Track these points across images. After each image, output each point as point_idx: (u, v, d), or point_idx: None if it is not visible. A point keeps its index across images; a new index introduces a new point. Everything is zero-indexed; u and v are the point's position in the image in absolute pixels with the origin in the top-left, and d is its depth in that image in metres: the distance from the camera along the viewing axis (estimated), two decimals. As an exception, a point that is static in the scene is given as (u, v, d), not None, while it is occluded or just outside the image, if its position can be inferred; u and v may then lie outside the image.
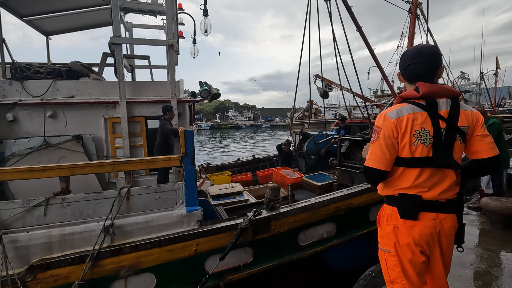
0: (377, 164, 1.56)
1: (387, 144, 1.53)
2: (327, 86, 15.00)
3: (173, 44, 3.84)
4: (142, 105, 3.95)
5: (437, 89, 1.50)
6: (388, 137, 1.52)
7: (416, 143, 1.48)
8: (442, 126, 1.47)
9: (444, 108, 1.50)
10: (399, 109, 1.53)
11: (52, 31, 5.36)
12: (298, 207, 3.47)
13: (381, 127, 1.56)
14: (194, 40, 6.30)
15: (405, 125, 1.48)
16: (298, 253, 3.51)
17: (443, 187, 1.51)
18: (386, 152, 1.53)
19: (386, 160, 1.54)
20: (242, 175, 8.01)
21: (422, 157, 1.50)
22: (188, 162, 3.05)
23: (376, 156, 1.57)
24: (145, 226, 2.94)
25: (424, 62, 1.52)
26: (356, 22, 5.56)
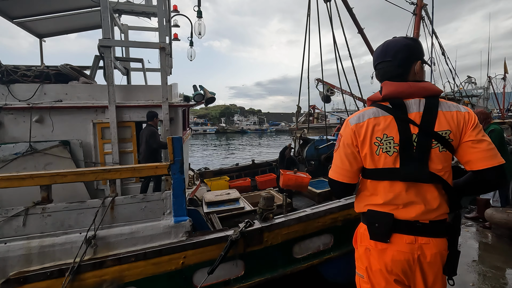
0: (338, 176, 1.45)
1: (346, 153, 1.40)
2: (329, 90, 14.89)
3: (165, 46, 3.76)
4: (133, 109, 3.86)
5: (405, 88, 1.30)
6: (347, 146, 1.39)
7: (378, 152, 1.31)
8: (414, 131, 1.27)
9: (415, 110, 1.29)
10: (362, 114, 1.37)
11: (46, 33, 5.33)
12: (293, 218, 3.35)
13: (342, 135, 1.43)
14: (191, 42, 6.24)
15: (364, 131, 1.32)
16: (293, 266, 3.38)
17: (422, 205, 1.29)
18: (346, 162, 1.40)
19: (346, 172, 1.41)
20: (241, 180, 7.90)
21: (386, 168, 1.31)
22: (177, 170, 2.95)
23: (336, 167, 1.46)
24: (130, 237, 2.84)
25: (392, 60, 1.35)
26: (357, 23, 5.46)
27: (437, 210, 1.30)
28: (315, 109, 22.87)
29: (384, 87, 1.35)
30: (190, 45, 6.31)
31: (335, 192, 1.55)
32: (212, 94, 4.89)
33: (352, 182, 1.43)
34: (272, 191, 6.58)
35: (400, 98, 1.31)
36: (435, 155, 1.26)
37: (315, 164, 7.75)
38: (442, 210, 1.31)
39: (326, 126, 8.45)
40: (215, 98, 4.76)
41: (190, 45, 6.31)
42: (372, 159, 1.33)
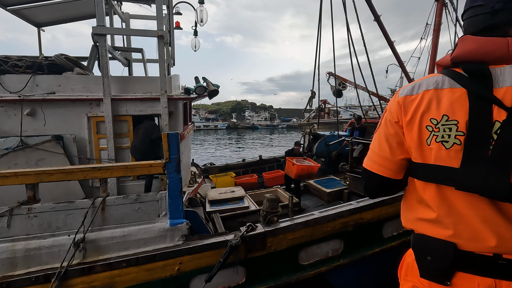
0: (373, 165, 1.05)
1: (388, 134, 1.00)
2: (341, 84, 14.47)
3: (163, 34, 3.55)
4: (129, 102, 3.69)
5: (496, 46, 0.83)
6: (390, 124, 1.00)
7: (430, 140, 0.89)
8: (498, 117, 0.80)
9: (509, 84, 0.81)
10: (419, 82, 0.97)
11: (43, 22, 5.19)
12: (299, 222, 3.14)
13: (387, 109, 1.06)
14: (195, 32, 6.02)
15: (415, 108, 0.92)
16: (299, 273, 3.18)
17: (506, 229, 0.82)
18: (385, 148, 1.01)
19: (385, 161, 1.01)
20: (247, 176, 7.74)
21: (438, 166, 0.88)
22: (173, 169, 2.77)
23: (372, 153, 1.07)
24: (122, 240, 2.68)
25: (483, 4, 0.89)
26: (374, 10, 5.11)
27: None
28: (326, 104, 22.44)
29: (460, 44, 0.91)
30: (194, 34, 6.10)
31: (368, 188, 1.13)
32: (216, 87, 4.67)
33: (393, 176, 1.02)
34: (279, 190, 6.37)
35: (484, 62, 0.86)
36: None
37: (326, 161, 7.50)
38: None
39: (338, 122, 8.14)
40: (218, 91, 4.54)
41: (194, 34, 6.10)
42: (420, 149, 0.92)
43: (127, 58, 5.47)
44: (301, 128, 17.17)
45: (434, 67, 6.54)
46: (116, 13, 5.00)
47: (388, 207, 3.60)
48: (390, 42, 5.77)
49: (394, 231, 3.76)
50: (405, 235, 3.84)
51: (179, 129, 3.97)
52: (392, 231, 3.74)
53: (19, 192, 2.63)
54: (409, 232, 2.00)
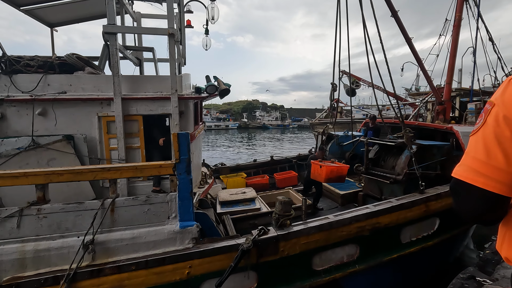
0: (477, 178, 0.78)
1: (501, 135, 0.75)
2: (354, 83, 14.20)
3: (174, 32, 3.50)
4: (140, 102, 3.66)
5: None
6: (505, 121, 0.75)
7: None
8: None
9: None
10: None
11: (57, 23, 5.24)
12: (313, 226, 3.04)
13: (495, 102, 0.79)
14: (207, 30, 5.97)
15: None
16: (312, 279, 3.08)
17: None
18: (497, 153, 0.75)
19: (496, 171, 0.76)
20: (259, 177, 7.66)
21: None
22: (183, 170, 2.71)
23: (473, 160, 0.80)
24: (131, 243, 2.65)
25: None
26: (391, 6, 4.93)
27: None
28: (339, 103, 22.12)
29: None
30: (205, 33, 6.05)
31: (466, 208, 0.85)
32: (227, 86, 4.61)
33: (507, 194, 0.77)
34: (291, 191, 6.26)
35: None
36: None
37: (339, 162, 7.33)
38: None
39: (352, 121, 7.95)
40: (229, 90, 4.48)
41: (205, 33, 6.05)
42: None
43: (139, 58, 5.47)
44: (313, 128, 16.97)
45: (454, 64, 6.28)
46: (128, 12, 5.01)
47: (406, 211, 3.46)
48: (408, 38, 5.57)
49: (413, 236, 3.60)
50: (425, 241, 3.67)
51: (189, 129, 3.92)
52: (410, 236, 3.58)
53: (30, 193, 2.63)
54: (431, 236, 1.67)
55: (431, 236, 3.72)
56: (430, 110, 8.37)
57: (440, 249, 4.00)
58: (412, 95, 11.54)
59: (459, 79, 16.32)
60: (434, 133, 5.69)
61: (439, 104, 5.83)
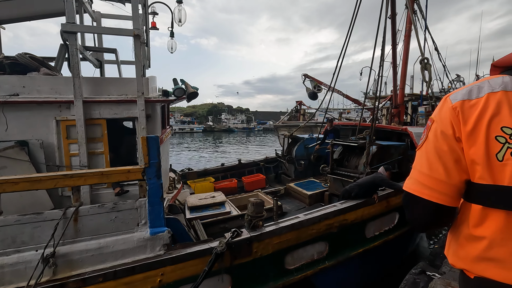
0: (422, 190, 0.85)
1: (440, 150, 0.82)
2: (316, 87, 14.78)
3: (140, 34, 3.38)
4: (103, 105, 3.46)
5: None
6: (443, 137, 0.81)
7: (502, 154, 0.73)
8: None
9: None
10: (477, 85, 0.82)
11: (4, 19, 4.79)
12: (285, 225, 3.09)
13: (434, 119, 0.87)
14: (172, 33, 5.85)
15: (478, 115, 0.76)
16: (285, 278, 3.13)
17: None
18: (439, 167, 0.81)
19: (438, 183, 0.82)
20: (227, 181, 7.62)
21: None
22: (153, 175, 2.62)
23: (419, 174, 0.87)
24: (97, 253, 2.49)
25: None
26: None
27: None
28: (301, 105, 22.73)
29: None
30: (170, 36, 5.91)
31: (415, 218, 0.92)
32: (195, 89, 4.54)
33: (450, 204, 0.83)
34: (260, 194, 6.32)
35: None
36: None
37: (305, 163, 7.56)
38: None
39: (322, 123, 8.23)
40: (197, 93, 4.42)
41: (170, 36, 5.91)
42: (489, 167, 0.74)
43: (99, 59, 5.18)
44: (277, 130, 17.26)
45: (406, 71, 6.81)
46: (87, 12, 4.74)
47: (370, 207, 3.66)
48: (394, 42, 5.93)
49: (376, 231, 3.82)
50: (387, 234, 3.91)
51: (157, 133, 3.79)
52: (374, 231, 3.80)
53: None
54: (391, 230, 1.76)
55: (392, 230, 3.98)
56: (385, 115, 8.98)
57: (400, 242, 4.28)
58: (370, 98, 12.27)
59: (411, 85, 17.68)
60: (390, 134, 6.12)
61: (394, 107, 6.28)
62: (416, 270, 3.09)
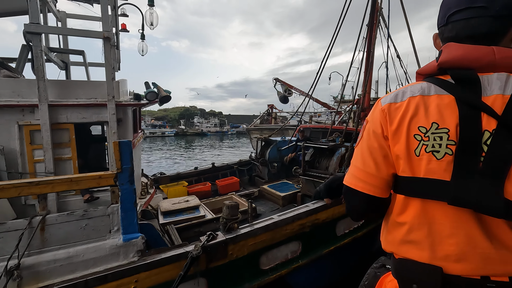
0: (357, 183, 0.95)
1: (371, 147, 0.92)
2: (287, 91, 15.12)
3: (110, 36, 3.30)
4: (71, 109, 3.33)
5: (483, 54, 0.80)
6: (374, 136, 0.92)
7: (419, 150, 0.82)
8: (488, 126, 0.76)
9: (496, 92, 0.77)
10: (403, 90, 0.91)
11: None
12: (260, 226, 3.15)
13: (368, 119, 0.98)
14: (142, 35, 5.74)
15: (401, 116, 0.85)
16: (260, 278, 3.18)
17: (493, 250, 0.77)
18: (370, 163, 0.92)
19: (370, 177, 0.92)
20: (200, 185, 7.56)
21: (430, 180, 0.81)
22: (125, 180, 2.57)
23: (355, 169, 0.97)
24: (67, 263, 2.40)
25: (487, 7, 0.80)
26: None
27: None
28: (273, 109, 23.08)
29: (445, 50, 0.86)
30: (141, 38, 5.80)
31: (352, 209, 1.02)
32: (167, 93, 4.49)
33: (381, 195, 0.92)
34: (235, 197, 6.35)
35: (471, 68, 0.81)
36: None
37: (278, 165, 7.71)
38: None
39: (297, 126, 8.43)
40: (170, 97, 4.37)
41: (141, 38, 5.80)
42: (409, 161, 0.84)
43: (64, 61, 4.96)
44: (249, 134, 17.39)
45: (371, 76, 7.20)
46: (51, 11, 4.53)
47: (340, 206, 3.82)
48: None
49: (346, 228, 4.00)
50: (355, 232, 4.11)
51: (128, 137, 3.70)
52: (344, 229, 3.97)
53: None
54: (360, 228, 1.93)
55: (360, 227, 4.18)
56: (352, 119, 9.41)
57: (367, 239, 4.51)
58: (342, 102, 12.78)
59: (376, 89, 18.62)
60: (358, 136, 6.41)
61: (362, 110, 6.62)
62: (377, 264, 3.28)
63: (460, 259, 0.79)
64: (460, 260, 0.79)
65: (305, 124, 11.96)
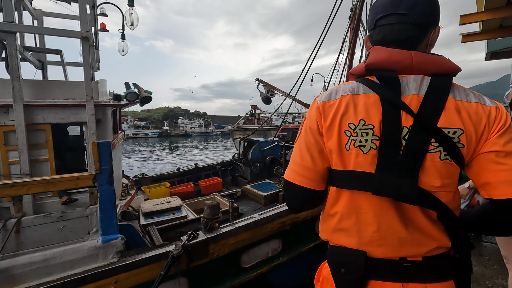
0: (295, 176, 0.98)
1: (308, 142, 0.96)
2: (269, 92, 15.26)
3: (88, 36, 3.26)
4: (48, 109, 3.26)
5: (403, 57, 0.88)
6: (310, 132, 0.96)
7: (349, 145, 0.88)
8: (406, 123, 0.84)
9: (413, 92, 0.86)
10: (336, 89, 0.97)
11: None
12: (241, 225, 3.20)
13: (306, 117, 1.02)
14: (123, 35, 5.66)
15: (334, 113, 0.91)
16: (241, 277, 3.23)
17: (407, 234, 0.86)
18: (307, 157, 0.96)
19: (307, 171, 0.96)
20: (183, 185, 7.50)
21: (357, 172, 0.88)
22: (104, 181, 2.56)
23: (293, 164, 1.00)
24: (43, 265, 2.36)
25: (407, 14, 0.88)
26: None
27: (431, 242, 0.86)
28: (256, 110, 23.20)
29: (372, 53, 0.93)
30: (121, 38, 5.72)
31: (290, 201, 1.06)
32: (148, 93, 4.46)
33: (317, 187, 0.97)
34: (217, 197, 6.36)
35: (393, 70, 0.90)
36: (432, 164, 0.82)
37: (260, 166, 7.77)
38: (440, 240, 0.86)
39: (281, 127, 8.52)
40: (151, 97, 4.35)
41: (121, 38, 5.72)
42: (340, 155, 0.90)
43: (41, 60, 4.82)
44: (232, 134, 17.41)
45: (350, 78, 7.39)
46: (26, 9, 4.40)
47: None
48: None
49: (325, 226, 4.11)
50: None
51: (108, 138, 3.66)
52: (323, 227, 4.08)
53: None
54: None
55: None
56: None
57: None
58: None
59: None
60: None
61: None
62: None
63: (382, 244, 0.87)
64: (381, 244, 0.87)
65: (287, 125, 12.14)
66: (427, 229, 0.85)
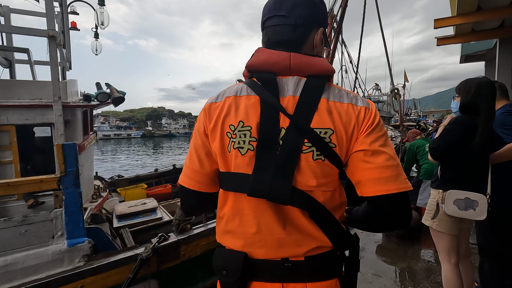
0: (185, 179, 0.97)
1: (196, 144, 0.95)
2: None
3: (55, 35, 3.17)
4: (12, 110, 3.15)
5: (281, 59, 0.88)
6: (198, 133, 0.95)
7: (230, 147, 0.88)
8: (284, 124, 0.85)
9: (290, 93, 0.87)
10: (224, 90, 0.97)
11: None
12: (213, 226, 3.19)
13: (197, 119, 1.01)
14: (96, 34, 5.54)
15: (217, 115, 0.90)
16: (214, 277, 3.23)
17: (286, 235, 0.85)
18: (195, 159, 0.95)
19: (196, 173, 0.95)
20: (161, 187, 7.41)
21: (236, 174, 0.87)
22: (70, 184, 2.50)
23: (184, 167, 1.00)
24: (3, 271, 2.29)
25: (287, 16, 0.89)
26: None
27: (309, 242, 0.85)
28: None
29: (255, 54, 0.94)
30: (94, 37, 5.60)
31: (183, 205, 1.05)
32: (122, 94, 4.38)
33: (206, 190, 0.96)
34: (195, 198, 6.32)
35: (272, 72, 0.90)
36: (306, 164, 0.82)
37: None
38: (321, 240, 0.86)
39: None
40: (124, 98, 4.27)
41: (94, 37, 5.60)
42: (224, 157, 0.90)
43: (8, 58, 4.64)
44: None
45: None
46: (-9, 5, 4.23)
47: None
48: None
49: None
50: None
51: (78, 139, 3.57)
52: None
53: None
54: None
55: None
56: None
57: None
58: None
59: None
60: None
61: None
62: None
63: (263, 245, 0.86)
64: (262, 246, 0.86)
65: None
66: (307, 229, 0.84)
